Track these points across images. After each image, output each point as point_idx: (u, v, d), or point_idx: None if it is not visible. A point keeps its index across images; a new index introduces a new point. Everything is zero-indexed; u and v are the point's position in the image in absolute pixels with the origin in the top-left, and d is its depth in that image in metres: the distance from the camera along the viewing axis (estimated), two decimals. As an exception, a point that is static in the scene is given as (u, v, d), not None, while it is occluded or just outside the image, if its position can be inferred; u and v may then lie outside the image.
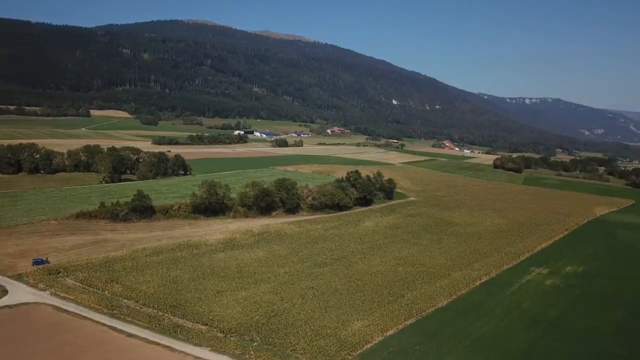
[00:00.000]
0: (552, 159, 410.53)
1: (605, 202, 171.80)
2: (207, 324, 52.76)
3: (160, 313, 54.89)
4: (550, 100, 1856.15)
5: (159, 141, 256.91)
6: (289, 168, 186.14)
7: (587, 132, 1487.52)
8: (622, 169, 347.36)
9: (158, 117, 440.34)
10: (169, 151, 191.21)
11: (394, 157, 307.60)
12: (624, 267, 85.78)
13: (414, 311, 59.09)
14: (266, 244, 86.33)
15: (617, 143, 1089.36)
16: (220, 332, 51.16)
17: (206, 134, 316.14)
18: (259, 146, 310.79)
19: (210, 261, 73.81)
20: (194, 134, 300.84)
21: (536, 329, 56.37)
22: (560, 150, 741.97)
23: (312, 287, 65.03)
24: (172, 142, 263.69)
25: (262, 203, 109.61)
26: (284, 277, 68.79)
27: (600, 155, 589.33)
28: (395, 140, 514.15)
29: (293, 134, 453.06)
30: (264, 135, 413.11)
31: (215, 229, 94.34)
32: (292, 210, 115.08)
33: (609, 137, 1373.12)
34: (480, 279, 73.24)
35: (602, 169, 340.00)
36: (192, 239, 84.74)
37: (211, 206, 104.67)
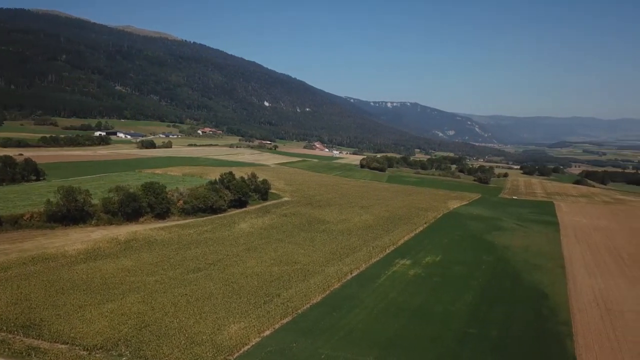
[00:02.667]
0: (411, 158, 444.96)
1: (457, 197, 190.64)
2: (67, 343, 48.08)
3: (10, 336, 48.73)
4: (409, 104, 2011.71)
5: (5, 143, 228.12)
6: (158, 171, 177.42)
7: (440, 134, 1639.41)
8: (470, 166, 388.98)
9: (3, 116, 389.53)
10: (21, 154, 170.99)
11: (268, 158, 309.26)
12: (473, 254, 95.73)
13: (290, 309, 60.05)
14: (134, 252, 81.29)
15: (465, 143, 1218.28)
16: (84, 350, 46.96)
17: (62, 136, 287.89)
18: (123, 148, 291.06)
19: (70, 274, 67.39)
20: (48, 136, 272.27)
21: (402, 316, 60.63)
22: (419, 150, 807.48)
23: (186, 294, 62.75)
24: (21, 144, 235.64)
25: (128, 209, 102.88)
26: (154, 285, 65.37)
27: (452, 154, 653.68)
28: (269, 142, 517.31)
29: (161, 135, 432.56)
30: (129, 137, 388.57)
31: (75, 239, 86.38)
32: (162, 215, 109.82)
33: (459, 138, 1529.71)
34: (351, 273, 76.79)
35: (454, 166, 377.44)
36: (48, 251, 76.62)
37: (70, 214, 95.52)
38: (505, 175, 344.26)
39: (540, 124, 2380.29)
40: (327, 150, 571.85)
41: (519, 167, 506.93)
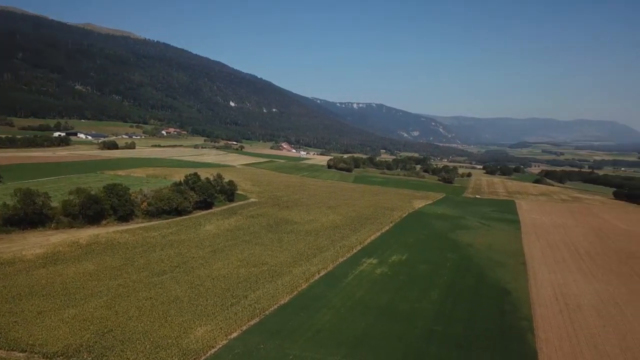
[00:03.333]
0: (377, 158, 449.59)
1: (422, 196, 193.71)
2: (26, 351, 46.38)
3: (-37, 345, 46.76)
4: (374, 105, 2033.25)
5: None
6: (121, 172, 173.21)
7: (405, 134, 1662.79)
8: (435, 166, 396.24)
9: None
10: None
11: (234, 159, 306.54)
12: (438, 252, 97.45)
13: (257, 311, 59.70)
14: (96, 255, 79.12)
15: (429, 143, 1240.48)
16: (44, 358, 45.38)
17: (19, 136, 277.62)
18: (84, 149, 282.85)
19: (29, 279, 65.01)
20: (4, 136, 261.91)
21: (369, 315, 61.17)
22: (384, 150, 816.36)
23: (151, 298, 61.53)
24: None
25: (90, 211, 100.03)
26: (117, 289, 63.82)
27: (416, 154, 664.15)
28: (235, 142, 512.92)
29: (124, 136, 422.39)
30: (90, 137, 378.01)
31: (34, 243, 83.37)
32: (125, 217, 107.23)
33: (424, 139, 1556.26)
34: (319, 273, 76.95)
35: (418, 167, 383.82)
36: (4, 256, 73.65)
37: (28, 217, 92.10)
38: (469, 175, 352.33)
39: (501, 125, 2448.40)
40: (294, 150, 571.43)
41: (481, 167, 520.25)
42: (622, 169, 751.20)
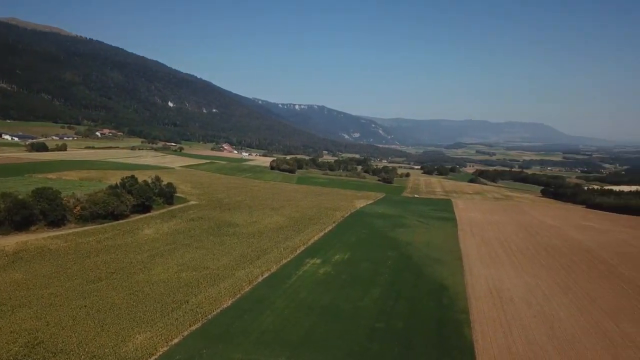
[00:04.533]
0: (320, 159, 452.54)
1: (363, 196, 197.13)
2: (-55, 369, 43.32)
3: None
4: (316, 107, 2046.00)
5: None
6: (51, 175, 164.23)
7: (346, 136, 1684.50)
8: (375, 167, 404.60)
9: None
10: None
11: (173, 161, 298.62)
12: (379, 251, 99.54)
13: (199, 315, 58.59)
14: (24, 263, 74.68)
15: (370, 145, 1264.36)
16: (-34, 375, 42.59)
17: None
18: (10, 151, 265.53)
19: (-53, 292, 60.44)
20: None
21: (313, 315, 61.59)
22: (326, 151, 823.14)
23: (86, 306, 58.87)
24: None
25: (17, 217, 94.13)
26: (49, 299, 60.57)
27: (357, 155, 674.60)
28: (174, 144, 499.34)
29: (54, 137, 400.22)
30: (17, 139, 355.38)
31: (-47, 252, 77.53)
32: (57, 223, 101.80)
33: (364, 140, 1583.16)
34: (262, 275, 76.56)
35: (359, 167, 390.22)
36: None
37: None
38: (408, 175, 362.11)
39: (439, 126, 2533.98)
40: (236, 152, 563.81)
41: (419, 167, 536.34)
42: (549, 168, 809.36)
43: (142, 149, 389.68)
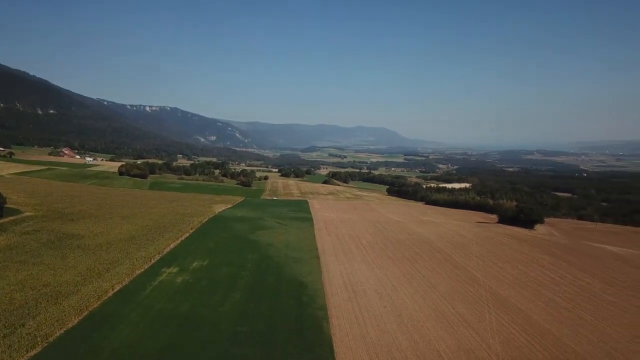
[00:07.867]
0: (174, 163, 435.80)
1: (222, 200, 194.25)
2: None
3: None
4: (169, 108, 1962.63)
5: None
6: None
7: (202, 139, 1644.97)
8: (233, 170, 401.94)
9: None
10: None
11: (2, 168, 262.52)
12: (239, 254, 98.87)
13: (39, 339, 52.26)
14: None
15: (227, 148, 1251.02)
16: None
17: None
18: None
19: None
20: None
21: (171, 325, 58.85)
22: (181, 155, 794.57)
23: None
24: None
25: None
26: None
27: (215, 159, 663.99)
28: (3, 149, 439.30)
29: None
30: None
31: None
32: None
33: (221, 143, 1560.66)
34: (113, 289, 70.98)
35: (217, 171, 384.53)
36: None
37: None
38: (266, 178, 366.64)
39: (293, 131, 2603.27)
40: (78, 157, 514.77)
41: (277, 170, 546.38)
42: (393, 168, 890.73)
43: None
